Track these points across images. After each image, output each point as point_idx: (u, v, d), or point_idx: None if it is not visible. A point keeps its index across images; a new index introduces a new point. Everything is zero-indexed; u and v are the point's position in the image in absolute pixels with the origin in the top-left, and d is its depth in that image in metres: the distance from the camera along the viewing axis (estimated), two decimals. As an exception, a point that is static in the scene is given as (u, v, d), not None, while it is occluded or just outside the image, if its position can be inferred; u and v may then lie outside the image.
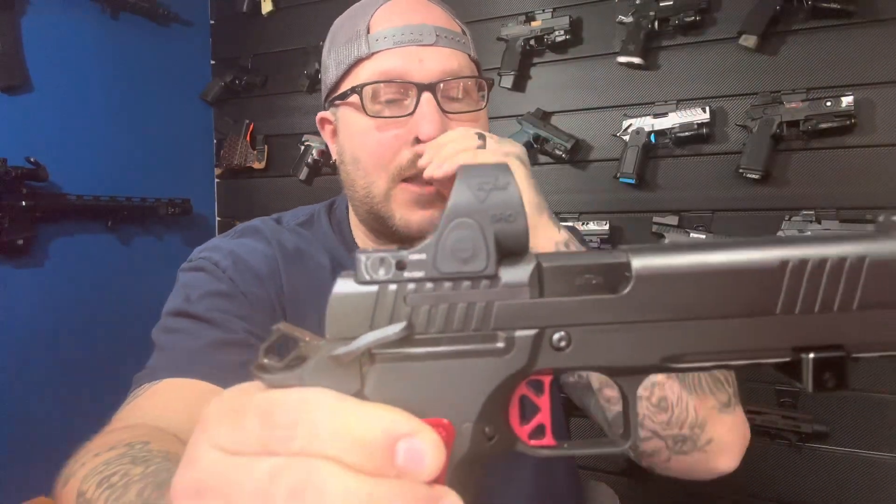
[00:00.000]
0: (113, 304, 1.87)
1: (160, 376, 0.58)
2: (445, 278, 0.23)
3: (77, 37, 1.82)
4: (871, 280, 0.23)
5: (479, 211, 0.22)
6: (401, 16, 0.65)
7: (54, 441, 1.71)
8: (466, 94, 0.66)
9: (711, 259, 0.23)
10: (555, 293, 0.23)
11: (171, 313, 0.65)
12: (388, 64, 0.63)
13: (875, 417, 1.42)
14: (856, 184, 1.42)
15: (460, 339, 0.23)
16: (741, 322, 0.23)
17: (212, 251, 0.68)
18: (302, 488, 0.19)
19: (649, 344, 0.23)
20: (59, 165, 1.69)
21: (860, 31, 1.41)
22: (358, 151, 0.67)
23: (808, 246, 0.23)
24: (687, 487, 1.61)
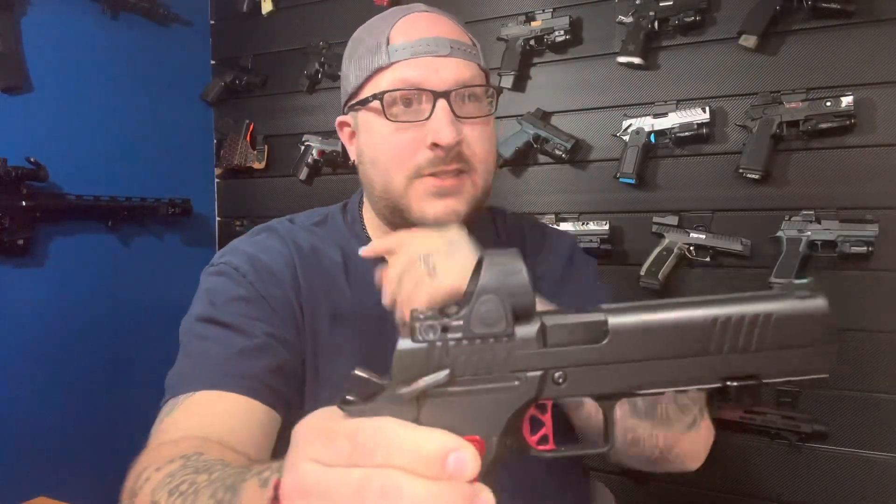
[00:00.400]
0: (113, 304, 1.87)
1: (195, 387, 0.63)
2: (477, 337, 0.32)
3: (77, 37, 1.83)
4: (775, 330, 0.33)
5: (500, 289, 0.32)
6: (418, 29, 0.71)
7: (54, 441, 1.71)
8: (477, 100, 0.72)
9: (664, 317, 0.33)
10: (554, 344, 0.32)
11: (199, 318, 0.69)
12: (406, 73, 0.69)
13: (875, 417, 1.42)
14: (856, 184, 1.42)
15: (487, 379, 0.32)
16: (686, 360, 0.33)
17: (232, 255, 0.73)
18: (385, 490, 0.27)
19: (622, 378, 0.33)
20: (59, 165, 1.69)
21: (860, 31, 1.41)
22: (377, 153, 0.72)
23: (732, 306, 0.33)
24: (686, 488, 1.61)
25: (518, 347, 0.32)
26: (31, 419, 1.66)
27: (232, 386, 0.63)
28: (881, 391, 1.41)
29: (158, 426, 0.63)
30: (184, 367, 0.67)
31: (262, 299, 0.69)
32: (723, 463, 1.56)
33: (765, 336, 0.33)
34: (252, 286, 0.70)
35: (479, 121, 0.71)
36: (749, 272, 1.52)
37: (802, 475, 1.48)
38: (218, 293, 0.70)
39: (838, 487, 1.45)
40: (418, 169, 0.69)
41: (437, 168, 0.69)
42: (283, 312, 0.70)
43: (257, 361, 0.65)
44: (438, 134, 0.67)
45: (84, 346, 1.80)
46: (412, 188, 0.70)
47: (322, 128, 2.06)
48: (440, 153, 0.68)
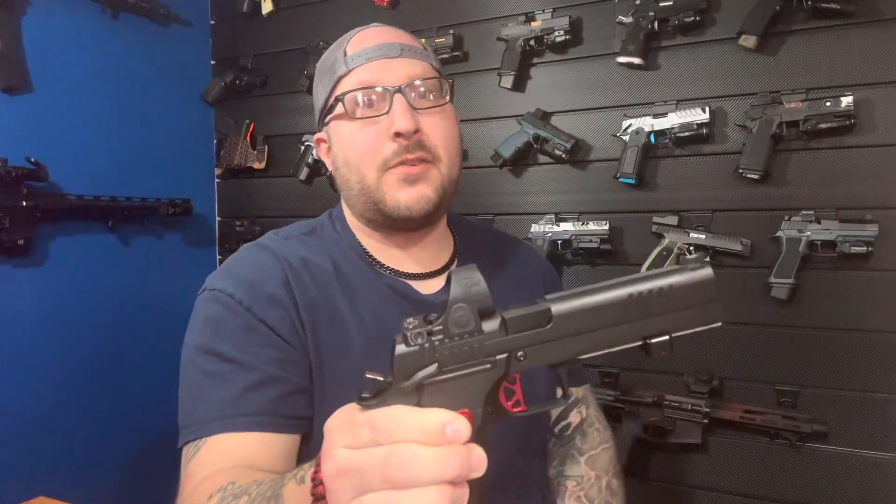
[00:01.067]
0: (113, 304, 1.87)
1: (211, 431, 0.66)
2: (455, 335, 0.42)
3: (77, 37, 1.83)
4: (676, 296, 0.43)
5: (466, 298, 0.42)
6: (371, 39, 0.78)
7: (54, 441, 1.71)
8: (433, 95, 0.78)
9: (593, 299, 0.43)
10: (514, 331, 0.43)
11: (202, 350, 0.71)
12: (363, 76, 0.76)
13: (875, 417, 1.42)
14: (855, 184, 1.42)
15: (467, 366, 0.42)
16: (614, 329, 0.43)
17: (225, 281, 0.74)
18: (403, 459, 0.36)
19: (567, 348, 0.43)
20: (59, 165, 1.69)
21: (860, 31, 1.41)
22: (348, 152, 0.77)
23: (642, 284, 0.43)
24: (686, 488, 1.61)
25: (487, 339, 0.42)
26: (30, 419, 1.66)
27: (246, 426, 0.66)
28: (881, 391, 1.41)
29: (185, 472, 0.66)
30: (195, 409, 0.69)
31: (261, 324, 0.71)
32: (723, 463, 1.56)
33: (669, 302, 0.43)
34: (250, 312, 0.71)
35: (436, 111, 0.77)
36: (749, 272, 1.52)
37: (802, 475, 1.48)
38: (217, 324, 0.71)
39: (838, 487, 1.45)
40: (386, 160, 0.74)
41: (402, 157, 0.74)
42: (284, 332, 0.72)
43: (267, 394, 0.68)
44: (397, 122, 0.72)
45: (84, 345, 1.80)
46: (383, 180, 0.75)
47: (322, 128, 2.06)
48: (402, 141, 0.73)
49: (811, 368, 1.47)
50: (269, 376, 0.69)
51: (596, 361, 1.68)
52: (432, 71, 0.79)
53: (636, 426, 1.58)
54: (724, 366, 1.55)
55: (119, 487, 1.82)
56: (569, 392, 0.46)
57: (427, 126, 0.75)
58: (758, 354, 1.52)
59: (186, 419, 0.69)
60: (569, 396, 0.46)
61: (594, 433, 0.94)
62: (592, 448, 0.91)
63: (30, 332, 1.68)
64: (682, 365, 1.59)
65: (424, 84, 0.76)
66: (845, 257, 1.41)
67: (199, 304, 0.75)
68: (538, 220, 1.72)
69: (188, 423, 0.68)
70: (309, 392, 0.72)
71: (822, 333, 1.46)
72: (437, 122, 0.77)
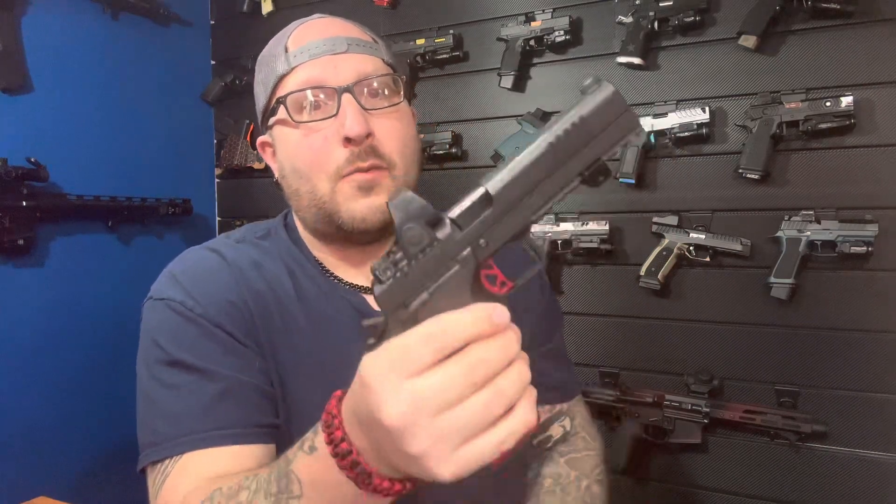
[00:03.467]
0: (113, 304, 1.87)
1: (181, 450, 0.61)
2: (417, 254, 0.43)
3: (77, 37, 1.82)
4: (590, 123, 0.43)
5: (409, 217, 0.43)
6: (314, 32, 0.71)
7: (54, 441, 1.71)
8: (386, 93, 0.71)
9: (520, 163, 0.43)
10: (467, 225, 0.43)
11: (161, 362, 0.65)
12: (307, 74, 0.69)
13: (875, 417, 1.42)
14: (855, 184, 1.42)
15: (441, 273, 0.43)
16: (550, 179, 0.43)
17: (173, 289, 0.69)
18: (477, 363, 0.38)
19: (520, 216, 0.44)
20: (59, 165, 1.69)
21: (860, 31, 1.41)
22: (294, 160, 0.70)
23: (554, 128, 0.43)
24: (686, 488, 1.61)
25: (446, 243, 0.43)
26: (31, 419, 1.66)
27: (218, 440, 0.61)
28: (881, 391, 1.41)
29: (157, 497, 0.61)
30: (158, 425, 0.63)
31: (218, 330, 0.66)
32: (723, 463, 1.56)
33: (586, 131, 0.43)
34: (204, 318, 0.66)
35: (390, 111, 0.70)
36: (749, 272, 1.52)
37: (802, 475, 1.48)
38: (173, 334, 0.66)
39: (838, 487, 1.45)
40: (338, 170, 0.68)
41: (354, 166, 0.67)
42: (242, 337, 0.67)
43: (237, 404, 0.63)
44: (347, 127, 0.66)
45: (84, 346, 1.80)
46: (337, 190, 0.68)
47: (322, 128, 2.06)
48: (353, 148, 0.67)
49: (811, 368, 1.47)
50: (236, 383, 0.63)
51: (596, 361, 1.68)
52: (384, 67, 0.72)
53: (636, 426, 1.58)
54: (724, 366, 1.55)
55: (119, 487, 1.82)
56: (540, 253, 0.47)
57: (380, 129, 0.68)
58: (758, 354, 1.52)
59: (149, 436, 0.63)
60: (544, 261, 0.47)
61: (579, 440, 0.87)
62: (575, 451, 0.85)
63: (30, 332, 1.68)
64: (682, 365, 1.59)
65: (376, 81, 0.69)
66: (845, 257, 1.41)
67: (147, 315, 0.69)
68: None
69: (152, 441, 0.62)
70: (274, 398, 0.67)
71: (822, 333, 1.46)
72: (391, 125, 0.70)
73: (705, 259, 1.54)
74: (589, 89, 0.44)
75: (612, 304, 1.68)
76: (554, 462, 0.85)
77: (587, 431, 0.89)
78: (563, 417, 0.88)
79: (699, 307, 1.58)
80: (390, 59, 0.75)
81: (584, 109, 0.43)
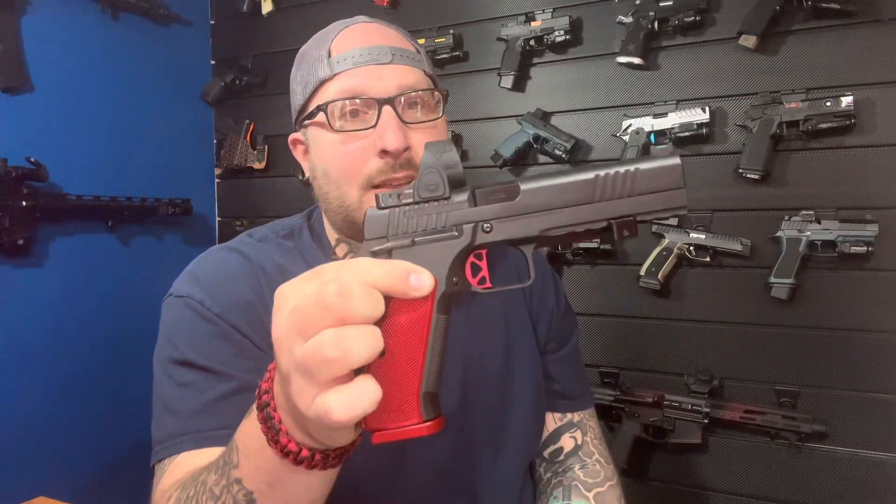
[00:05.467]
0: (113, 304, 1.87)
1: (181, 448, 0.62)
2: (424, 200, 0.44)
3: (77, 37, 1.82)
4: (642, 180, 0.43)
5: (437, 164, 0.44)
6: (359, 39, 0.71)
7: (54, 441, 1.71)
8: (424, 106, 0.71)
9: (561, 179, 0.44)
10: (483, 203, 0.44)
11: (174, 361, 0.67)
12: (349, 82, 0.69)
13: (875, 417, 1.42)
14: (855, 184, 1.42)
15: (436, 232, 0.43)
16: (579, 208, 0.43)
17: (193, 287, 0.70)
18: (343, 289, 0.37)
19: (533, 224, 0.44)
20: (59, 165, 1.69)
21: (860, 31, 1.41)
22: (328, 165, 0.71)
23: (610, 167, 0.43)
24: (686, 488, 1.61)
25: (455, 208, 0.43)
26: (31, 419, 1.66)
27: (221, 440, 0.60)
28: (881, 391, 1.41)
29: (154, 493, 0.62)
30: (165, 423, 0.65)
31: (234, 331, 0.67)
32: (723, 463, 1.56)
33: (635, 185, 0.43)
34: (220, 318, 0.67)
35: (427, 125, 0.71)
36: (749, 272, 1.52)
37: (802, 475, 1.48)
38: (188, 332, 0.67)
39: (838, 487, 1.45)
40: (369, 178, 0.68)
41: (387, 176, 0.67)
42: (257, 339, 0.67)
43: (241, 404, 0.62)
44: (385, 140, 0.66)
45: (84, 345, 1.80)
46: (366, 199, 0.69)
47: (322, 128, 2.06)
48: (389, 160, 0.67)
49: (811, 368, 1.47)
50: (244, 384, 0.64)
51: (596, 361, 1.68)
52: (425, 80, 0.73)
53: (636, 426, 1.58)
54: (724, 366, 1.55)
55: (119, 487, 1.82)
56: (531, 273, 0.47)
57: (417, 142, 0.68)
58: (758, 354, 1.52)
59: (158, 433, 0.65)
60: (532, 278, 0.47)
61: (597, 467, 0.86)
62: (599, 485, 0.83)
63: (30, 332, 1.68)
64: (682, 365, 1.59)
65: (417, 95, 0.70)
66: (845, 257, 1.41)
67: (167, 312, 0.71)
68: (538, 220, 1.72)
69: (160, 439, 0.65)
70: None
71: (822, 333, 1.46)
72: (429, 139, 0.69)
73: (705, 259, 1.54)
74: (658, 151, 0.44)
75: (612, 304, 1.68)
76: (583, 497, 0.83)
77: (601, 454, 0.88)
78: (574, 429, 0.88)
79: (699, 307, 1.58)
80: (431, 71, 0.75)
81: (643, 165, 0.43)
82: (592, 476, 0.85)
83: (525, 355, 0.83)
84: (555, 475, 0.86)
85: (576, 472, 0.85)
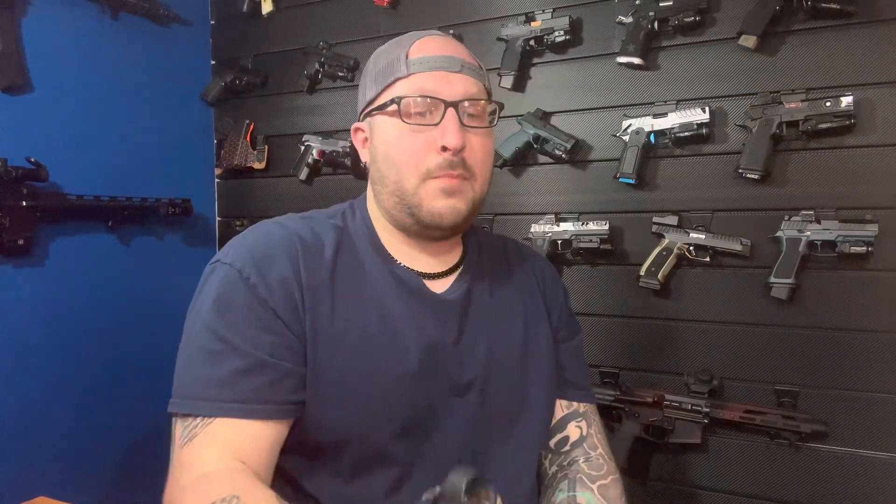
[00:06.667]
0: (113, 304, 1.87)
1: (201, 411, 0.69)
2: None
3: (77, 37, 1.82)
4: None
5: None
6: (435, 47, 0.80)
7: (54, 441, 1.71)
8: (481, 116, 0.81)
9: None
10: None
11: (208, 328, 0.72)
12: (423, 83, 0.77)
13: (875, 417, 1.42)
14: (855, 184, 1.42)
15: None
16: None
17: (238, 257, 0.75)
18: None
19: None
20: (59, 165, 1.69)
21: (860, 31, 1.41)
22: (392, 152, 0.79)
23: None
24: (686, 488, 1.61)
25: None
26: (31, 419, 1.66)
27: (235, 412, 0.68)
28: (881, 391, 1.41)
29: (180, 452, 0.68)
30: (188, 381, 0.71)
31: (264, 304, 0.72)
32: (723, 463, 1.56)
33: None
34: (255, 290, 0.72)
35: (482, 132, 0.80)
36: (749, 272, 1.52)
37: (802, 475, 1.48)
38: (220, 300, 0.73)
39: (838, 487, 1.45)
40: (429, 171, 0.77)
41: (444, 171, 0.76)
42: (284, 314, 0.73)
43: (253, 382, 0.69)
44: (448, 137, 0.75)
45: (84, 346, 1.80)
46: (423, 188, 0.77)
47: (322, 128, 2.06)
48: (448, 156, 0.76)
49: (811, 368, 1.47)
50: (259, 363, 0.70)
51: (596, 361, 1.68)
52: (485, 92, 0.82)
53: (636, 426, 1.58)
54: (724, 366, 1.55)
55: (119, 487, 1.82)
56: None
57: (471, 145, 0.78)
58: (758, 354, 1.52)
59: (180, 388, 0.71)
60: None
61: (601, 461, 0.91)
62: (602, 478, 0.88)
63: (30, 331, 1.68)
64: (682, 365, 1.59)
65: (478, 103, 0.79)
66: (845, 257, 1.41)
67: (207, 275, 0.77)
68: (538, 220, 1.72)
69: (181, 394, 0.71)
70: (300, 376, 0.73)
71: (822, 333, 1.46)
72: (481, 143, 0.79)
73: (705, 259, 1.55)
74: None
75: (612, 304, 1.68)
76: (587, 489, 0.87)
77: (604, 448, 0.92)
78: (579, 418, 0.93)
79: (699, 307, 1.59)
80: (489, 87, 0.85)
81: None
82: (596, 469, 0.89)
83: (542, 344, 0.91)
84: (560, 469, 0.90)
85: (580, 464, 0.89)
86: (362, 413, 0.74)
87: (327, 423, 0.74)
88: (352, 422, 0.74)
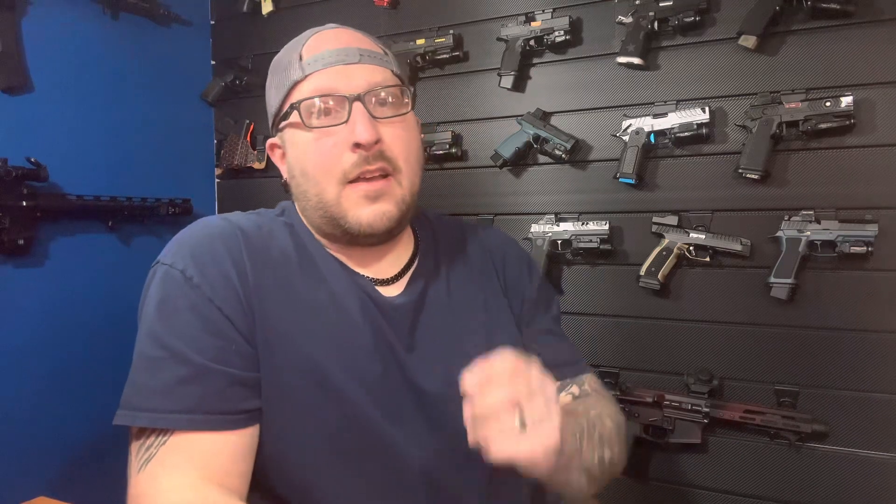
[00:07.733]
0: (113, 305, 1.87)
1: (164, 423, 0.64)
2: None
3: (77, 37, 1.82)
4: None
5: None
6: (328, 42, 0.75)
7: (54, 440, 1.71)
8: (394, 103, 0.75)
9: None
10: None
11: (152, 335, 0.67)
12: (320, 82, 0.72)
13: (875, 417, 1.42)
14: (855, 184, 1.42)
15: None
16: None
17: (180, 258, 0.70)
18: None
19: None
20: (59, 165, 1.69)
21: (860, 31, 1.41)
22: (304, 163, 0.74)
23: None
24: (686, 487, 1.61)
25: None
26: (31, 419, 1.65)
27: (193, 424, 0.64)
28: (881, 391, 1.41)
29: (137, 478, 0.64)
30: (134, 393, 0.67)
31: (209, 303, 0.68)
32: (723, 463, 1.56)
33: None
34: (199, 290, 0.68)
35: (397, 120, 0.74)
36: (749, 272, 1.52)
37: (802, 475, 1.48)
38: (163, 303, 0.68)
39: (838, 487, 1.45)
40: (345, 173, 0.71)
41: (361, 169, 0.71)
42: (231, 313, 0.68)
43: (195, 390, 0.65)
44: (357, 133, 0.70)
45: (84, 345, 1.80)
46: (344, 195, 0.72)
47: (322, 128, 2.06)
48: (362, 152, 0.70)
49: (811, 368, 1.47)
50: (202, 370, 0.65)
51: (596, 361, 1.68)
52: (393, 78, 0.76)
53: (636, 426, 1.58)
54: (724, 366, 1.55)
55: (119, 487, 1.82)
56: None
57: (388, 136, 0.72)
58: (758, 354, 1.52)
59: (123, 399, 0.68)
60: None
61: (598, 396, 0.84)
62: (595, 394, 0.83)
63: (30, 331, 1.68)
64: (681, 365, 1.59)
65: (385, 92, 0.73)
66: (845, 257, 1.41)
67: (149, 279, 0.71)
68: (538, 220, 1.72)
69: (122, 404, 0.68)
70: (251, 383, 0.68)
71: (822, 333, 1.46)
72: (398, 132, 0.74)
73: (705, 259, 1.55)
74: None
75: (611, 304, 1.68)
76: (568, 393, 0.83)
77: (601, 393, 0.86)
78: (569, 384, 0.85)
79: (699, 307, 1.59)
80: (399, 71, 0.79)
81: None
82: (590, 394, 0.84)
83: (507, 341, 0.80)
84: None
85: None
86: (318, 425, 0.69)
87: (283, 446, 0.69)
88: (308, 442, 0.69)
